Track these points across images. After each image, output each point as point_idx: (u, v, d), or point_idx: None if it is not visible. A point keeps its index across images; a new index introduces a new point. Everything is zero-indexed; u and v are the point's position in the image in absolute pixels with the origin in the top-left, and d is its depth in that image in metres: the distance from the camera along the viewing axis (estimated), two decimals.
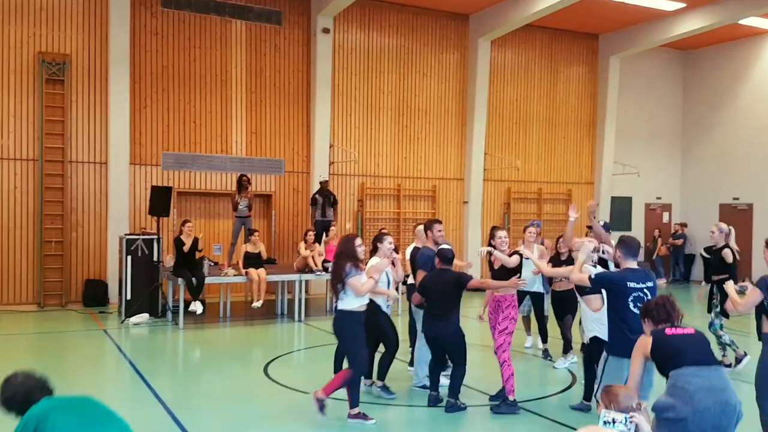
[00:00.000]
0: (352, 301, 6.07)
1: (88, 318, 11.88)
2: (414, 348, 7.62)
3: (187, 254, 11.26)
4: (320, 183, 14.06)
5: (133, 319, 11.17)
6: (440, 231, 7.41)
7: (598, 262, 6.42)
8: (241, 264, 11.73)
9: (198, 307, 11.08)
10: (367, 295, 6.21)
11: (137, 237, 11.85)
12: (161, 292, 11.88)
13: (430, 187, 16.62)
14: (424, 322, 6.66)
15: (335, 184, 15.20)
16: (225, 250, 12.80)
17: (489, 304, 6.91)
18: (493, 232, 7.12)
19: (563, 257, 8.24)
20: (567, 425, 6.10)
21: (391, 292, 6.98)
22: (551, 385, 7.71)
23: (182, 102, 14.09)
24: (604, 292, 5.83)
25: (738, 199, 18.78)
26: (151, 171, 13.80)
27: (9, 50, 12.74)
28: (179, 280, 11.02)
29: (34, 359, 9.12)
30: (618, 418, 3.28)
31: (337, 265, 6.12)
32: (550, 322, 8.99)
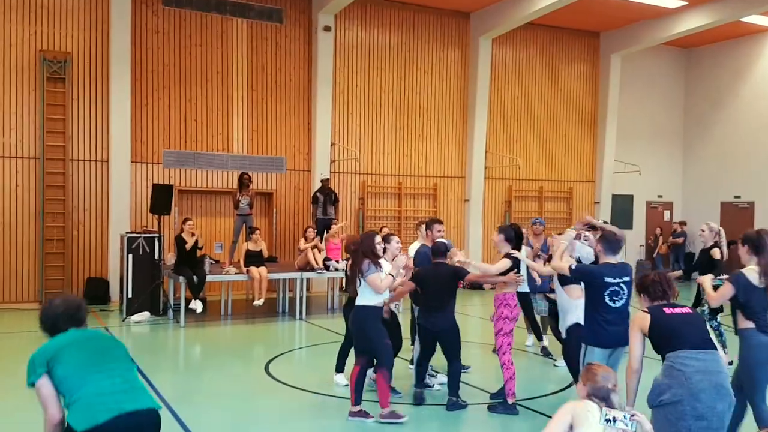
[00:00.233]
0: (371, 297, 6.06)
1: (89, 316, 11.87)
2: (416, 346, 7.63)
3: (189, 252, 11.26)
4: (321, 181, 14.07)
5: (135, 317, 11.19)
6: (440, 231, 7.43)
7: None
8: (243, 262, 11.75)
9: (198, 305, 11.09)
10: (387, 292, 6.19)
11: (138, 235, 11.85)
12: (162, 291, 11.89)
13: (431, 185, 16.62)
14: (419, 315, 6.64)
15: (336, 182, 15.21)
16: (226, 248, 12.82)
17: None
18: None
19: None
20: None
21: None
22: (552, 384, 7.71)
23: (183, 100, 14.10)
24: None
25: (739, 198, 18.77)
26: (153, 169, 13.81)
27: (10, 48, 12.75)
28: (180, 278, 11.03)
29: None
30: (618, 416, 3.28)
31: (355, 261, 6.10)
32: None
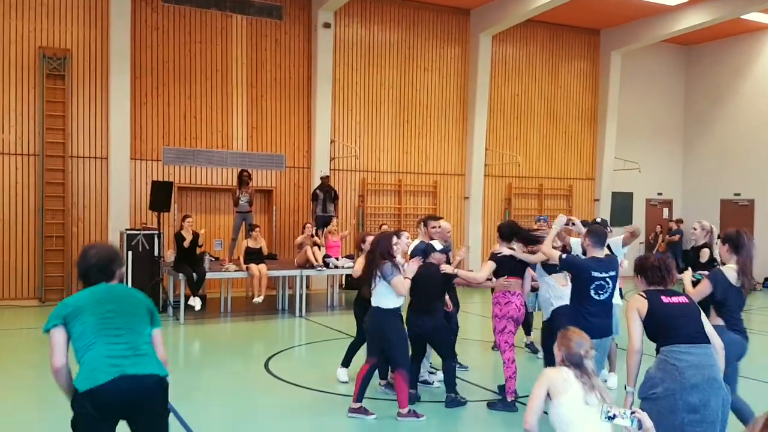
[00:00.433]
0: (392, 299, 6.05)
1: None
2: None
3: (188, 249, 11.25)
4: (321, 178, 14.06)
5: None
6: (435, 228, 7.47)
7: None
8: (242, 259, 11.73)
9: (196, 303, 11.08)
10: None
11: (138, 232, 11.84)
12: (162, 288, 11.88)
13: (431, 183, 16.61)
14: (408, 318, 6.60)
15: (336, 179, 15.20)
16: (226, 245, 12.81)
17: None
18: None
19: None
20: None
21: None
22: None
23: (183, 97, 14.08)
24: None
25: (739, 195, 18.77)
26: (152, 166, 13.80)
27: (10, 45, 12.73)
28: (180, 275, 11.02)
29: (35, 354, 9.13)
30: (618, 413, 3.27)
31: (373, 262, 6.05)
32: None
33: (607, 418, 3.26)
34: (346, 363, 7.36)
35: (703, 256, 8.01)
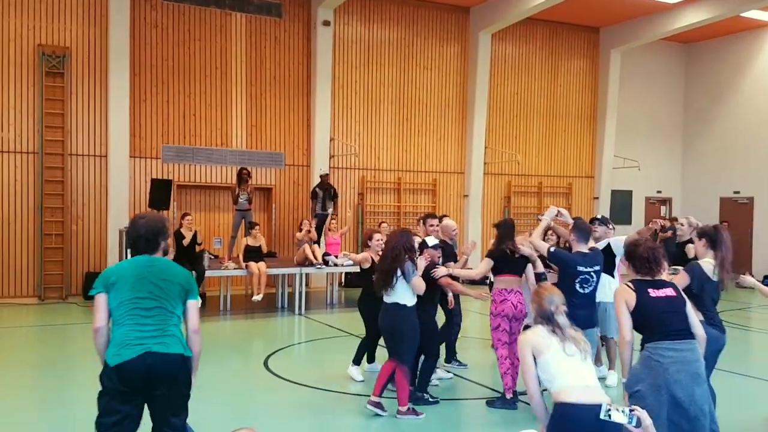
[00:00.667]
0: (410, 297, 6.03)
1: (88, 311, 11.87)
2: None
3: (187, 247, 11.24)
4: (320, 176, 14.05)
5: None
6: (432, 225, 7.50)
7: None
8: (242, 257, 11.73)
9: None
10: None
11: None
12: None
13: (430, 181, 16.61)
14: None
15: (335, 177, 15.19)
16: (225, 243, 12.79)
17: None
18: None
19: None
20: None
21: None
22: None
23: (182, 95, 14.06)
24: None
25: (739, 193, 18.77)
26: (151, 164, 13.78)
27: (9, 43, 12.70)
28: None
29: (34, 352, 9.14)
30: (618, 411, 3.27)
31: (395, 258, 5.97)
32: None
33: (608, 415, 3.26)
34: (357, 360, 7.28)
35: (690, 251, 8.04)
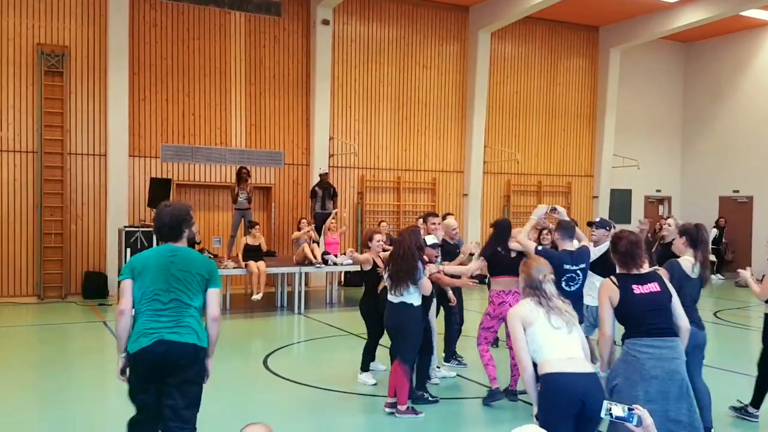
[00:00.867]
0: (417, 297, 6.06)
1: (87, 310, 11.87)
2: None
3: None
4: (320, 175, 14.05)
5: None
6: (434, 224, 7.55)
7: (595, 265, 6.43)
8: (241, 256, 11.72)
9: None
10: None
11: (136, 229, 11.83)
12: None
13: (429, 180, 16.60)
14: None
15: (335, 176, 15.18)
16: (224, 242, 12.79)
17: None
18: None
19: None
20: None
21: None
22: None
23: (181, 94, 14.05)
24: None
25: (738, 192, 18.77)
26: (151, 163, 13.77)
27: (8, 41, 12.69)
28: None
29: (34, 351, 9.13)
30: (618, 410, 3.26)
31: (408, 259, 5.98)
32: None
33: (608, 415, 3.26)
34: (365, 367, 7.21)
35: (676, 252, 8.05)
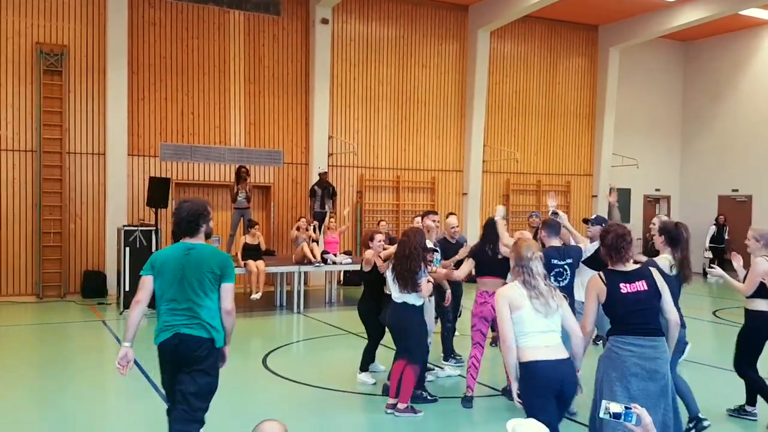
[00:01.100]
0: (418, 298, 6.10)
1: (86, 309, 11.87)
2: None
3: None
4: (319, 174, 14.04)
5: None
6: (434, 221, 7.68)
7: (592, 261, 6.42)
8: (240, 255, 11.71)
9: None
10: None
11: (135, 228, 11.82)
12: None
13: (429, 179, 16.59)
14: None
15: (334, 175, 15.17)
16: (224, 241, 12.78)
17: None
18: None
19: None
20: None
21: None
22: None
23: (180, 93, 14.04)
24: None
25: (737, 191, 18.77)
26: (150, 162, 13.76)
27: (6, 40, 12.68)
28: None
29: (33, 350, 9.12)
30: (618, 409, 3.26)
31: (413, 259, 6.00)
32: None
33: (607, 414, 3.26)
34: (365, 367, 7.21)
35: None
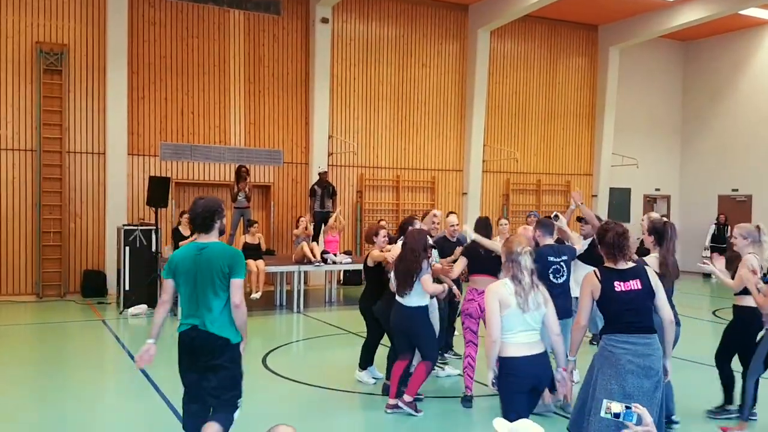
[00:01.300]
0: (423, 297, 6.06)
1: (86, 309, 11.87)
2: None
3: None
4: (319, 174, 14.03)
5: (132, 310, 11.16)
6: (433, 220, 7.68)
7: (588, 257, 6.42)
8: None
9: None
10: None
11: (135, 227, 11.82)
12: (159, 283, 11.85)
13: (429, 179, 16.59)
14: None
15: (334, 175, 15.17)
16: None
17: None
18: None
19: None
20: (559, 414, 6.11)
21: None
22: None
23: (180, 92, 14.04)
24: None
25: (737, 191, 18.78)
26: (149, 161, 13.76)
27: (6, 40, 12.67)
28: None
29: (33, 350, 9.12)
30: (618, 409, 3.26)
31: (415, 259, 5.95)
32: None
33: (607, 414, 3.25)
34: (364, 365, 7.20)
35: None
